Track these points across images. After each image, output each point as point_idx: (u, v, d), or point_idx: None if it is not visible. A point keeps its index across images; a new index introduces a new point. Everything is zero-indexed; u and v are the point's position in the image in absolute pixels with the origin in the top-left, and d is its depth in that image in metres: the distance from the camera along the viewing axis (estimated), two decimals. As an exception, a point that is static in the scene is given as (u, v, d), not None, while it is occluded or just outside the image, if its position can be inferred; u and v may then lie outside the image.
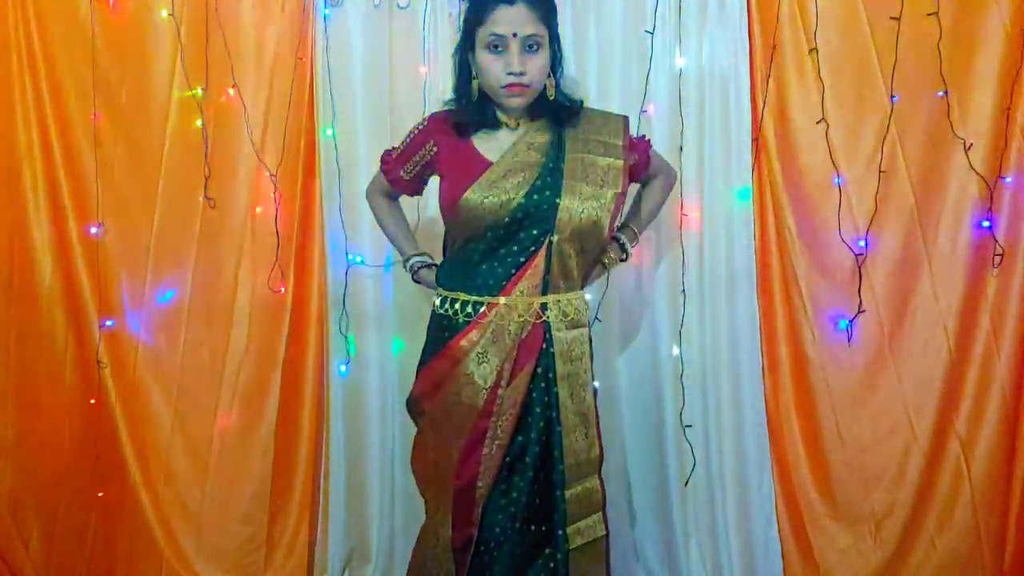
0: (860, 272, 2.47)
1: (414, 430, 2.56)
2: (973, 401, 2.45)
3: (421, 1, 2.50)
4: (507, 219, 1.79)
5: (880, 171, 2.44)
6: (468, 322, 1.83)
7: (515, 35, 1.76)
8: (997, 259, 2.40)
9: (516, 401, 1.79)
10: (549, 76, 1.85)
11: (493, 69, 1.80)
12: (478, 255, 1.85)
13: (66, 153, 2.56)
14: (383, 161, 2.07)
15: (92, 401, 2.59)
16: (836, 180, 2.46)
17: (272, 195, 2.57)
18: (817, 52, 2.43)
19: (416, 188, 2.06)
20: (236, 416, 2.61)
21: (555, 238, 1.80)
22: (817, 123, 2.45)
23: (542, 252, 1.80)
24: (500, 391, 1.78)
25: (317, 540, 2.64)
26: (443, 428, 1.86)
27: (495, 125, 1.89)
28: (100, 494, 2.60)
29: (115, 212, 2.59)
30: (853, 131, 2.46)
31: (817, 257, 2.50)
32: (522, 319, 1.80)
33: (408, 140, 2.01)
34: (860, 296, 2.47)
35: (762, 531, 2.51)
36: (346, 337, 2.59)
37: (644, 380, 2.55)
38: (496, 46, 1.78)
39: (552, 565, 1.79)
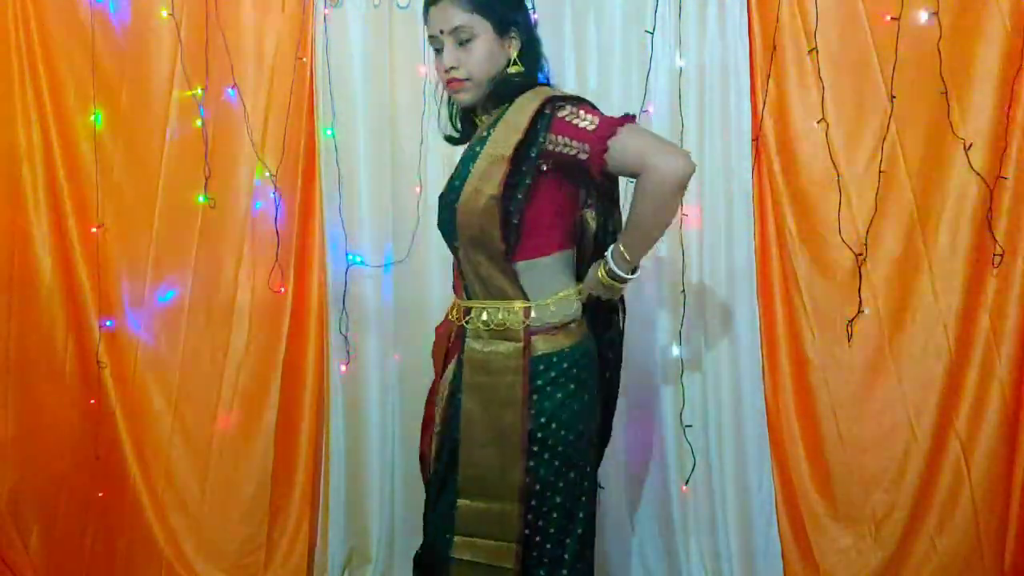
0: (860, 272, 2.47)
1: (414, 430, 2.60)
2: (973, 401, 2.44)
3: (421, 1, 2.49)
4: (438, 216, 1.74)
5: (880, 171, 2.44)
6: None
7: (441, 31, 1.69)
8: (997, 259, 2.40)
9: (443, 395, 1.78)
10: (514, 64, 1.70)
11: (436, 69, 1.75)
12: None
13: (66, 153, 2.56)
14: None
15: (92, 401, 2.59)
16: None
17: (272, 195, 2.58)
18: (817, 52, 2.43)
19: None
20: (236, 416, 2.62)
21: (457, 244, 1.69)
22: (817, 123, 2.45)
23: (461, 248, 1.70)
24: (438, 382, 1.81)
25: (317, 540, 2.65)
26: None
27: (474, 129, 1.79)
28: (100, 494, 2.60)
29: (115, 212, 2.60)
30: (853, 131, 2.46)
31: (817, 257, 2.50)
32: (455, 319, 1.76)
33: None
34: (860, 296, 2.47)
35: (762, 531, 2.51)
36: (346, 337, 2.59)
37: (644, 380, 2.55)
38: (437, 49, 1.73)
39: (436, 552, 1.74)
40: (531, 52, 1.74)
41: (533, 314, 1.66)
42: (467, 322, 1.70)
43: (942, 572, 2.45)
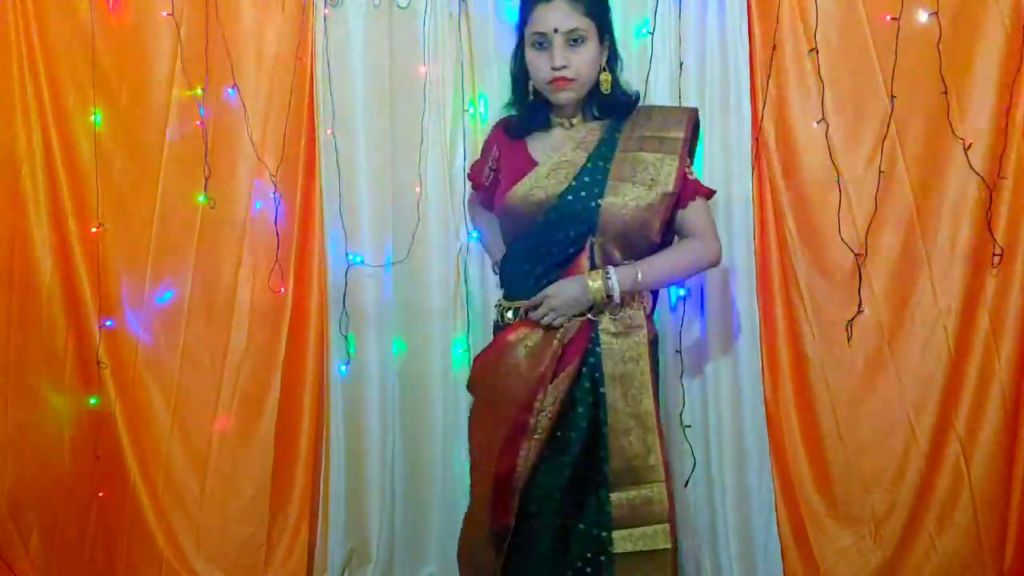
0: (860, 272, 2.47)
1: (414, 430, 2.61)
2: (973, 401, 2.43)
3: (421, 1, 2.50)
4: (544, 219, 1.81)
5: (880, 171, 2.43)
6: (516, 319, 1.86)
7: (556, 30, 1.78)
8: (996, 259, 2.39)
9: (557, 399, 1.78)
10: (604, 71, 1.86)
11: (538, 65, 1.83)
12: (522, 256, 1.88)
13: (66, 153, 2.56)
14: (470, 168, 2.12)
15: (92, 402, 2.59)
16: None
17: (272, 195, 2.57)
18: (817, 52, 2.43)
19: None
20: (236, 416, 2.61)
21: (598, 240, 1.79)
22: (817, 123, 2.45)
23: (584, 254, 1.80)
24: (543, 388, 1.77)
25: (317, 540, 2.64)
26: (488, 417, 1.88)
27: (548, 125, 1.92)
28: (100, 494, 2.60)
29: (115, 212, 2.59)
30: (853, 131, 2.46)
31: (817, 257, 2.50)
32: (569, 321, 1.79)
33: (483, 147, 2.08)
34: (860, 296, 2.47)
35: (762, 531, 2.51)
36: (346, 337, 2.59)
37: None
38: (541, 44, 1.81)
39: (591, 570, 1.77)
40: (617, 62, 1.91)
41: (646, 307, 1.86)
42: (595, 316, 1.79)
43: (942, 572, 2.44)
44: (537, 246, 1.83)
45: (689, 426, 2.51)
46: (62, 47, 2.54)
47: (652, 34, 2.45)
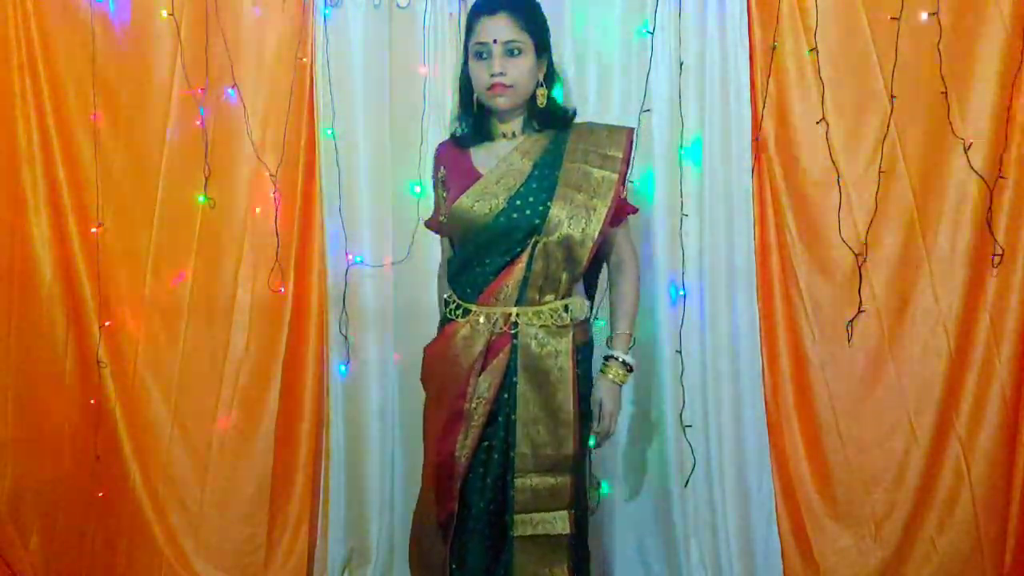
0: (860, 272, 2.46)
1: (414, 430, 2.60)
2: (973, 401, 2.44)
3: (421, 1, 2.50)
4: (491, 224, 1.88)
5: (880, 171, 2.43)
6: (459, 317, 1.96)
7: (495, 41, 1.88)
8: (996, 259, 2.39)
9: (491, 385, 1.88)
10: (541, 86, 1.95)
11: (478, 73, 1.92)
12: (467, 260, 1.96)
13: (66, 153, 2.56)
14: (428, 224, 2.14)
15: (92, 401, 2.59)
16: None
17: (272, 195, 2.57)
18: (817, 52, 2.43)
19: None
20: (236, 416, 2.61)
21: (543, 239, 1.87)
22: (817, 123, 2.45)
23: (525, 255, 1.88)
24: (475, 375, 1.88)
25: (317, 540, 2.64)
26: (434, 406, 2.00)
27: (491, 137, 2.00)
28: (100, 494, 2.60)
29: (115, 212, 2.60)
30: (853, 131, 2.46)
31: (817, 257, 2.50)
32: (496, 321, 1.90)
33: (432, 183, 2.10)
34: (860, 296, 2.47)
35: (762, 531, 2.51)
36: (346, 337, 2.58)
37: (644, 380, 2.54)
38: (481, 54, 1.91)
39: (505, 555, 1.88)
40: (553, 79, 2.00)
41: (582, 304, 1.96)
42: (516, 318, 1.88)
43: (942, 572, 2.45)
44: (483, 251, 1.92)
45: (689, 426, 2.51)
46: (62, 47, 2.54)
47: (652, 34, 2.45)
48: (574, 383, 1.87)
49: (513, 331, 1.88)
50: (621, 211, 1.96)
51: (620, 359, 1.96)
